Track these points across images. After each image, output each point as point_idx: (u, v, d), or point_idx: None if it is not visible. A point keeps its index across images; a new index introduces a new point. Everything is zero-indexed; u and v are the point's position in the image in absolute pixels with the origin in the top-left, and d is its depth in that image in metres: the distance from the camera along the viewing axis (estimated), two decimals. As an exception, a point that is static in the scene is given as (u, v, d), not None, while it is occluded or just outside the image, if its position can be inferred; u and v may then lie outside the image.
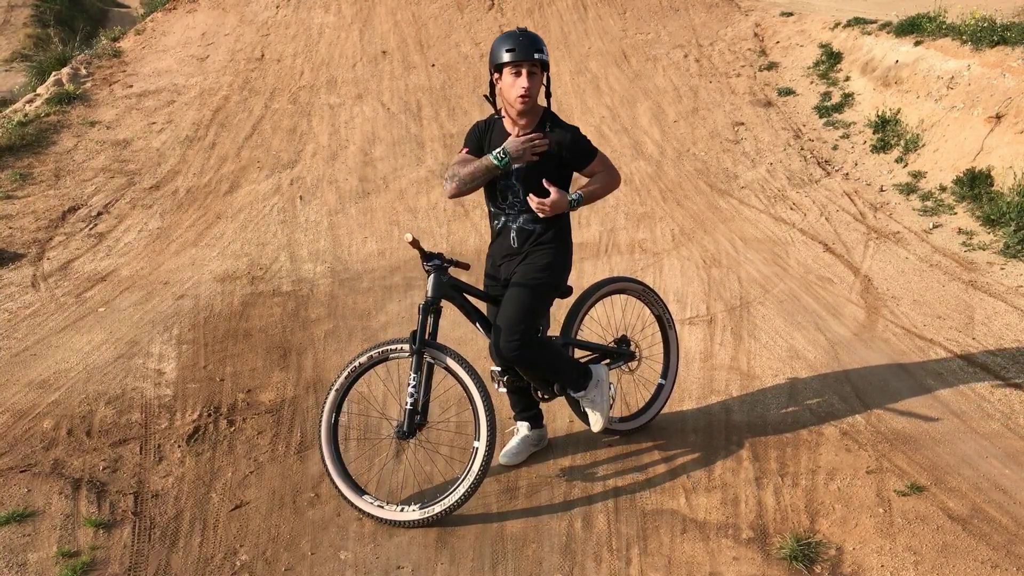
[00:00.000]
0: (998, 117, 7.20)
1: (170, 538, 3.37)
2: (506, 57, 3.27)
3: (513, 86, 3.30)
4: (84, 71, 10.45)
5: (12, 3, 20.04)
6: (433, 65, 10.62)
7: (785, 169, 8.03)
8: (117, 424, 4.17)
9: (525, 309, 3.40)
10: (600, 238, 6.73)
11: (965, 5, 9.19)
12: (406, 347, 3.41)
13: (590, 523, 3.44)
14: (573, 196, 3.43)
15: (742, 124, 9.00)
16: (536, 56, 3.26)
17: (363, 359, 3.47)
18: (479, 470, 3.34)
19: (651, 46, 11.09)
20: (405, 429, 3.39)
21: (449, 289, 3.49)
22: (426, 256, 3.44)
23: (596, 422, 3.69)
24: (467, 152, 3.51)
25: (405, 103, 9.72)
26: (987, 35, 8.07)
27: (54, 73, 10.35)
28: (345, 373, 3.48)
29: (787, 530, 3.35)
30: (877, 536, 3.29)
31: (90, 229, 7.00)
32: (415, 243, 3.32)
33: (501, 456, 3.80)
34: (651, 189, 7.70)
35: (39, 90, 9.97)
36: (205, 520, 3.47)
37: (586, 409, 3.69)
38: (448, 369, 3.42)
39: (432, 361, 3.43)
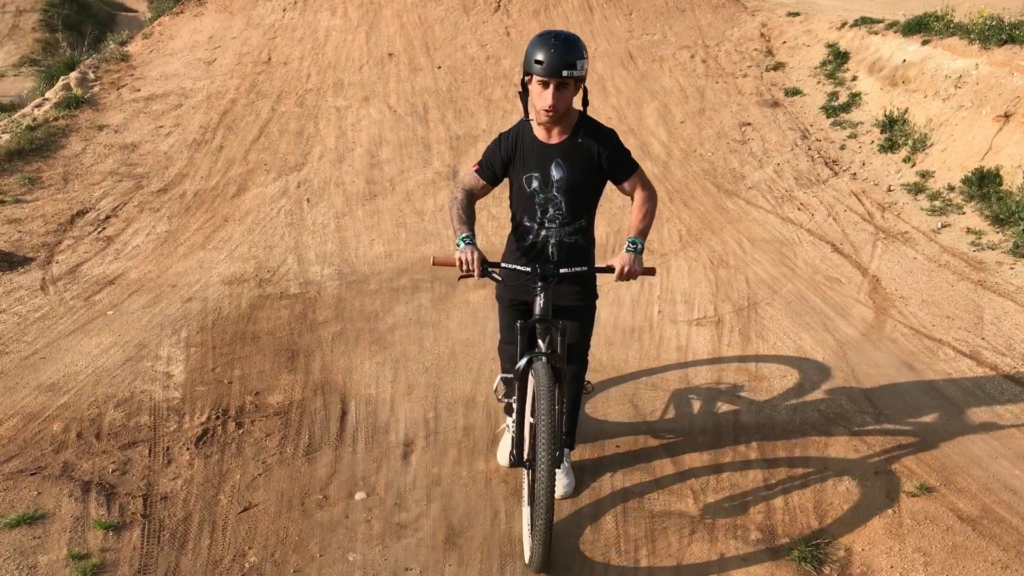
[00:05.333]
0: (1007, 116, 7.17)
1: (179, 540, 3.38)
2: (535, 68, 2.98)
3: (540, 96, 3.04)
4: (92, 75, 10.50)
5: (20, 8, 20.15)
6: (439, 67, 10.63)
7: (792, 169, 8.01)
8: (126, 427, 4.19)
9: (589, 333, 3.53)
10: (607, 239, 6.72)
11: (972, 4, 9.14)
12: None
13: (598, 525, 3.43)
14: (636, 248, 3.20)
15: (749, 124, 8.98)
16: (565, 74, 2.95)
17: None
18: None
19: (657, 47, 11.08)
20: (514, 457, 3.25)
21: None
22: (484, 269, 3.11)
23: (569, 485, 3.58)
24: (477, 171, 3.32)
25: (411, 105, 9.73)
26: (995, 34, 8.03)
27: (62, 77, 10.38)
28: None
29: (796, 531, 3.34)
30: (886, 537, 3.28)
31: (98, 232, 7.02)
32: (458, 263, 3.06)
33: (499, 457, 3.81)
34: (658, 190, 7.66)
35: (47, 94, 10.01)
36: (214, 522, 3.49)
37: (560, 472, 3.41)
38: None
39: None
